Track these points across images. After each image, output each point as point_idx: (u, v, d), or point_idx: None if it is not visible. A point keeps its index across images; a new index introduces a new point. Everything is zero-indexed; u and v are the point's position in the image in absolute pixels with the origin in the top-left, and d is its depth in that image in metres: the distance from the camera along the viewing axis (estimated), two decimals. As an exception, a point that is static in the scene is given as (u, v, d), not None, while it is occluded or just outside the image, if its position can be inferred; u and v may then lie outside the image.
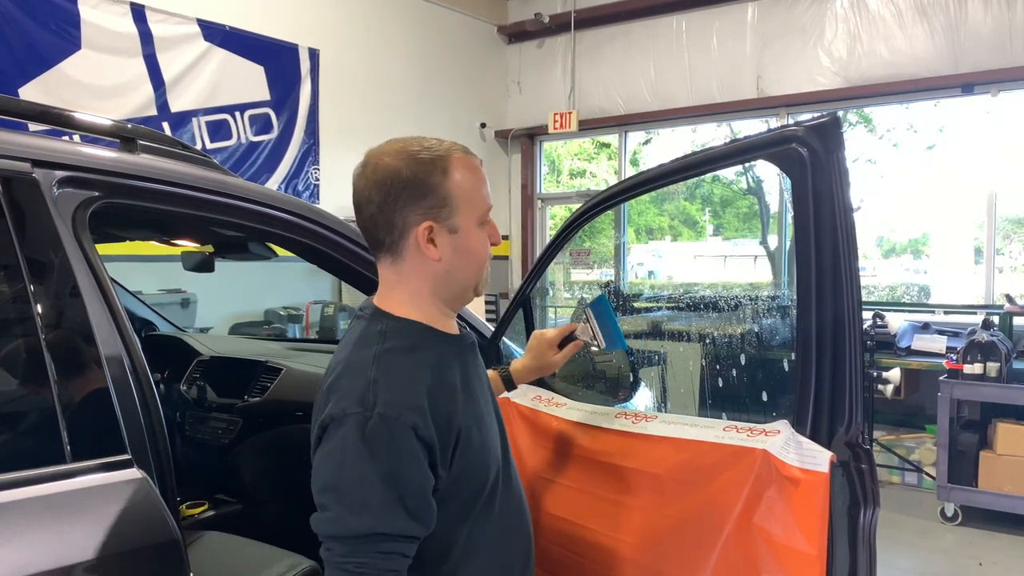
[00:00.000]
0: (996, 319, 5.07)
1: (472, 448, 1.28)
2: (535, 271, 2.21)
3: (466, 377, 1.34)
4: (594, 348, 1.77)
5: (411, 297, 1.34)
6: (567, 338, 1.76)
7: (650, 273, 12.61)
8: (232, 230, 2.18)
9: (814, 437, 1.43)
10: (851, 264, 1.41)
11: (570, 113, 7.83)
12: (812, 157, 1.41)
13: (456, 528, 1.29)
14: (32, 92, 4.67)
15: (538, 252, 8.30)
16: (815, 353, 1.43)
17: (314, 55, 6.32)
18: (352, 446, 1.17)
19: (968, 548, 4.43)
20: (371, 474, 1.16)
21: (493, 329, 2.24)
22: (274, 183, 6.02)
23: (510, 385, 1.83)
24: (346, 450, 1.18)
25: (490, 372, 1.79)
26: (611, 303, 1.75)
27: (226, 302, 5.75)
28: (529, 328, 2.23)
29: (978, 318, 5.33)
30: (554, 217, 8.64)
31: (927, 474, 5.35)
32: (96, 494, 1.34)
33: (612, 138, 8.36)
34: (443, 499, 1.25)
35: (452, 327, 1.40)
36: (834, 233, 1.40)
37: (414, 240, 1.29)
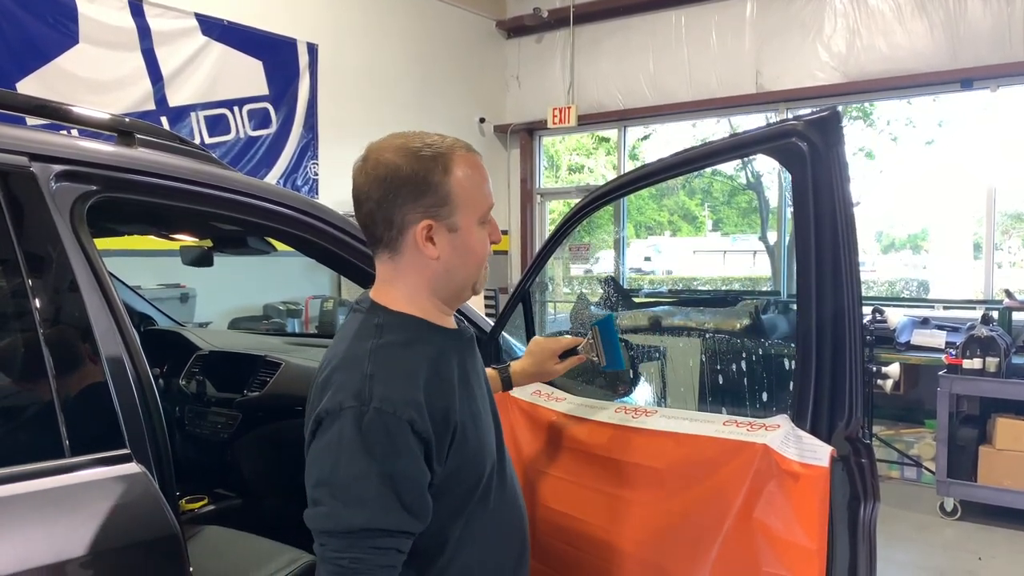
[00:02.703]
0: (995, 314, 5.07)
1: (468, 444, 1.27)
2: (535, 266, 2.21)
3: (463, 372, 1.33)
4: (594, 359, 1.82)
5: (409, 293, 1.32)
6: (569, 351, 1.80)
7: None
8: (231, 224, 2.17)
9: (814, 431, 1.43)
10: (851, 258, 1.41)
11: (569, 108, 7.81)
12: (812, 151, 1.41)
13: (451, 523, 1.28)
14: (30, 86, 4.65)
15: (537, 247, 8.29)
16: (815, 347, 1.43)
17: (313, 50, 6.30)
18: (348, 441, 1.16)
19: (967, 543, 4.43)
20: (367, 469, 1.15)
21: (492, 324, 2.24)
22: (273, 178, 6.01)
23: (508, 385, 1.84)
24: (342, 445, 1.17)
25: (489, 370, 1.78)
26: (616, 326, 1.80)
27: (225, 297, 5.74)
28: (529, 322, 2.23)
29: (977, 313, 5.33)
30: (553, 212, 8.64)
31: (926, 469, 5.35)
32: (95, 488, 1.34)
33: (611, 133, 8.35)
34: (438, 494, 1.24)
35: (450, 322, 1.39)
36: (834, 227, 1.40)
37: (412, 238, 1.28)
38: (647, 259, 11.67)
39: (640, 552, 1.69)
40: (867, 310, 5.59)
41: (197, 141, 5.38)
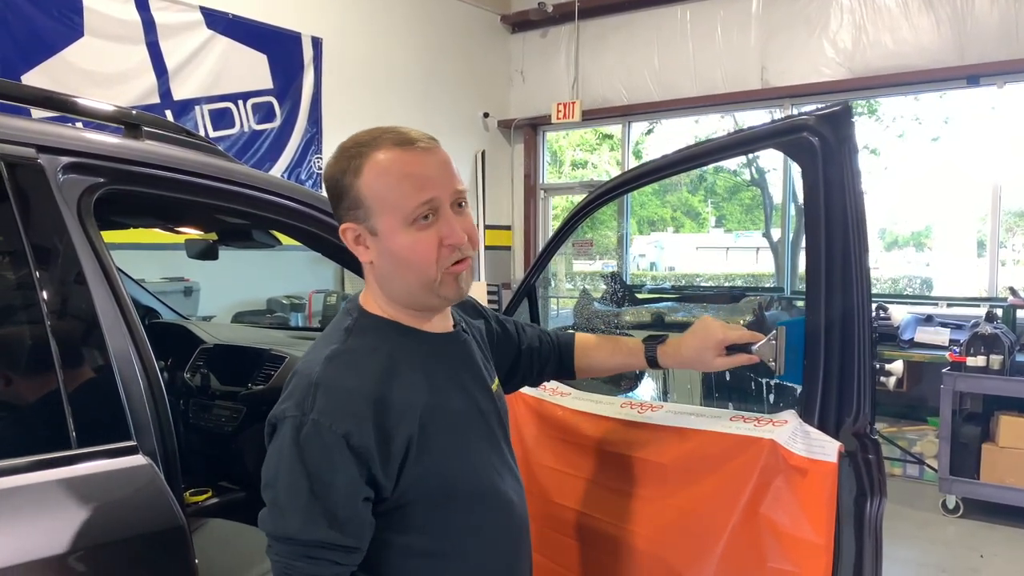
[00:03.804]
0: (999, 312, 5.06)
1: (431, 455, 1.21)
2: (540, 260, 2.20)
3: (436, 379, 1.27)
4: (771, 364, 1.52)
5: (376, 294, 1.29)
6: (739, 345, 1.52)
7: (652, 264, 12.61)
8: (237, 217, 2.17)
9: (822, 427, 1.43)
10: (861, 254, 1.41)
11: (573, 103, 7.80)
12: (823, 146, 1.41)
13: (418, 536, 1.24)
14: (35, 79, 4.65)
15: (540, 243, 8.29)
16: (824, 343, 1.43)
17: (317, 44, 6.29)
18: (287, 450, 1.16)
19: (969, 540, 4.43)
20: (301, 480, 1.14)
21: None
22: (277, 172, 6.01)
23: (653, 364, 1.61)
24: (282, 453, 1.16)
25: (633, 340, 1.65)
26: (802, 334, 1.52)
27: (229, 291, 5.74)
28: (534, 317, 2.22)
29: (981, 311, 5.32)
30: (556, 208, 8.63)
31: (929, 466, 5.35)
32: (101, 480, 1.34)
33: (615, 128, 8.33)
34: (397, 506, 1.21)
35: (434, 324, 1.32)
36: (844, 222, 1.39)
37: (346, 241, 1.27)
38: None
39: (646, 547, 1.69)
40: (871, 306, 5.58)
41: (201, 135, 5.37)
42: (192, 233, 2.72)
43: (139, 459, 1.39)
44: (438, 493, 1.24)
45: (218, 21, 5.64)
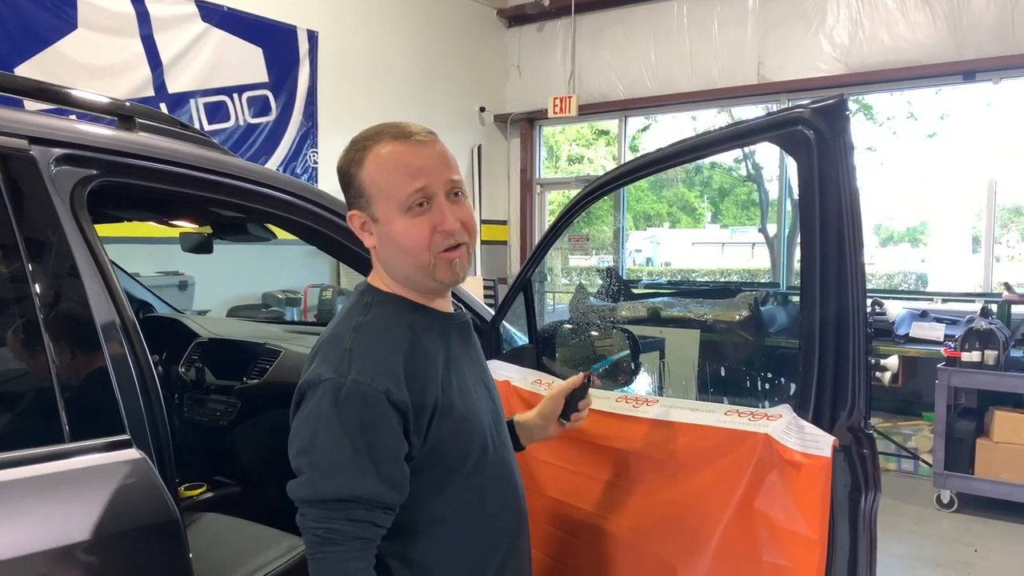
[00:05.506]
0: (994, 307, 5.08)
1: (452, 419, 1.29)
2: (536, 254, 2.19)
3: (450, 353, 1.35)
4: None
5: (383, 276, 1.38)
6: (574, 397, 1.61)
7: (648, 260, 12.61)
8: (232, 210, 2.16)
9: (816, 421, 1.43)
10: (856, 248, 1.40)
11: (570, 97, 7.78)
12: (818, 139, 1.40)
13: (432, 500, 1.29)
14: (28, 72, 4.61)
15: (536, 237, 8.28)
16: (818, 337, 1.43)
17: (313, 37, 6.27)
18: (326, 411, 1.20)
19: (964, 535, 4.45)
20: (343, 438, 1.19)
21: (493, 313, 2.23)
22: (272, 165, 5.98)
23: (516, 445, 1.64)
24: (320, 415, 1.21)
25: None
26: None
27: (224, 285, 5.72)
28: (530, 312, 2.22)
29: (976, 306, 5.33)
30: (552, 203, 8.62)
31: (924, 461, 5.36)
32: (95, 474, 1.34)
33: (612, 123, 8.31)
34: (420, 468, 1.26)
35: (440, 305, 1.40)
36: (839, 216, 1.39)
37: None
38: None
39: (641, 541, 1.69)
40: (867, 302, 5.59)
41: (196, 128, 5.34)
42: (187, 227, 2.70)
43: (133, 453, 1.38)
44: (452, 460, 1.30)
45: (213, 14, 5.61)
